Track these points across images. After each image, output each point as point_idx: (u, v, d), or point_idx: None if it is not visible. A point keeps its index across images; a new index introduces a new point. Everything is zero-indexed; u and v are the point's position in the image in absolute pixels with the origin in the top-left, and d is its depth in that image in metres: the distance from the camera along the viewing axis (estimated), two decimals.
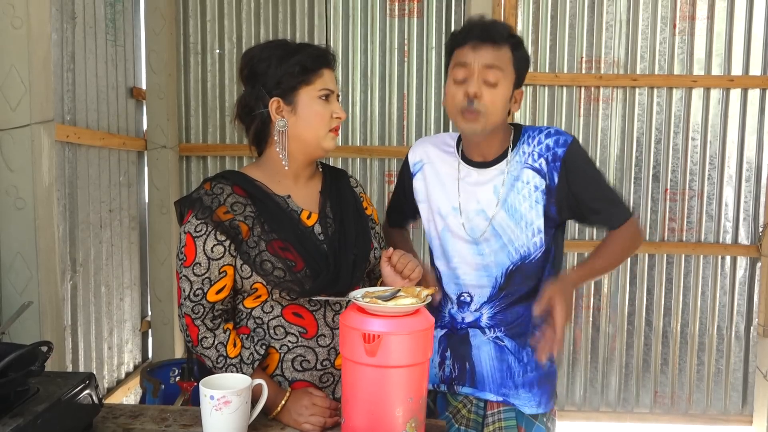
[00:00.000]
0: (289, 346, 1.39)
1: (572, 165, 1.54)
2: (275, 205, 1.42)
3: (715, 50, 3.24)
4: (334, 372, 1.42)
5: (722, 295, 3.35)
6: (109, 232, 2.87)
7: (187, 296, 1.37)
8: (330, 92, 1.44)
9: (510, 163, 1.57)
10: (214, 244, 1.36)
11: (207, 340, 1.37)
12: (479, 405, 1.61)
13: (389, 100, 3.36)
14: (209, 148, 3.38)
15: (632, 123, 3.30)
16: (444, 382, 1.64)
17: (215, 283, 1.37)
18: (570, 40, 3.27)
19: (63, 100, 2.45)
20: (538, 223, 1.55)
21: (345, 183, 1.57)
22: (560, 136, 1.57)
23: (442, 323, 1.65)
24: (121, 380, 3.02)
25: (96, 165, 2.72)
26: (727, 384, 3.39)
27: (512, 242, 1.56)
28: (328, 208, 1.49)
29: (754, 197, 3.30)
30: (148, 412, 1.38)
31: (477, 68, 1.48)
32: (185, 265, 1.37)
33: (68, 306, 2.49)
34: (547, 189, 1.54)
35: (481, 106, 1.48)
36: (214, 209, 1.37)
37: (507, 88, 1.51)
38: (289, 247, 1.37)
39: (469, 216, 1.59)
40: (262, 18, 3.34)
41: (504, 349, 1.59)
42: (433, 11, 3.31)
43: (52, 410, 1.11)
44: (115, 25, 2.90)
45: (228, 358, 1.36)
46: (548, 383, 1.62)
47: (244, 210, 1.39)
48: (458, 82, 1.51)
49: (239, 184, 1.42)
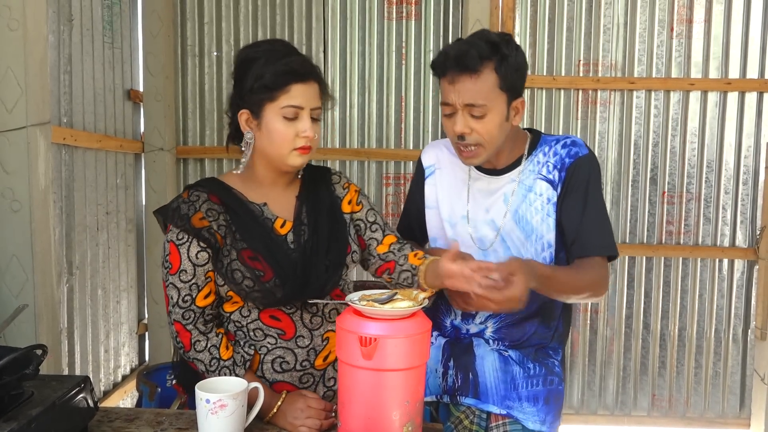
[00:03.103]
0: (268, 347, 1.40)
1: (573, 178, 1.48)
2: (248, 213, 1.41)
3: (712, 53, 3.25)
4: (314, 372, 1.42)
5: (720, 298, 3.35)
6: (105, 234, 2.86)
7: (176, 303, 1.38)
8: (297, 109, 1.37)
9: (523, 172, 1.52)
10: (198, 250, 1.37)
11: (200, 344, 1.38)
12: (482, 417, 1.56)
13: (387, 103, 3.36)
14: (206, 151, 3.38)
15: (630, 126, 3.30)
16: (447, 393, 1.59)
17: (202, 289, 1.38)
18: (567, 43, 3.27)
19: (60, 102, 2.44)
20: (549, 237, 1.49)
21: (323, 184, 1.53)
22: (573, 147, 1.51)
23: (445, 332, 1.62)
24: (118, 383, 3.01)
25: (93, 167, 2.72)
26: (724, 387, 3.39)
27: (520, 255, 1.51)
28: (303, 214, 1.46)
29: (751, 200, 3.30)
30: (144, 416, 1.37)
31: (459, 106, 1.43)
32: (171, 272, 1.38)
33: (65, 309, 2.48)
34: (557, 201, 1.49)
35: (473, 140, 1.45)
36: (191, 216, 1.38)
37: (498, 113, 1.44)
38: (259, 257, 1.37)
39: (477, 225, 1.55)
40: (259, 20, 3.33)
41: (509, 359, 1.55)
42: (431, 14, 3.31)
43: (46, 414, 1.10)
44: (112, 27, 2.90)
45: (221, 360, 1.36)
46: (554, 401, 1.56)
47: (218, 218, 1.40)
48: (446, 115, 1.47)
49: (214, 191, 1.43)
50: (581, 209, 1.48)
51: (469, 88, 1.41)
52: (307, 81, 1.39)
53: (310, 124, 1.39)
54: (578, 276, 1.45)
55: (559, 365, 1.59)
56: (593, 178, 1.51)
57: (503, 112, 1.45)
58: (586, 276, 1.45)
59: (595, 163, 1.53)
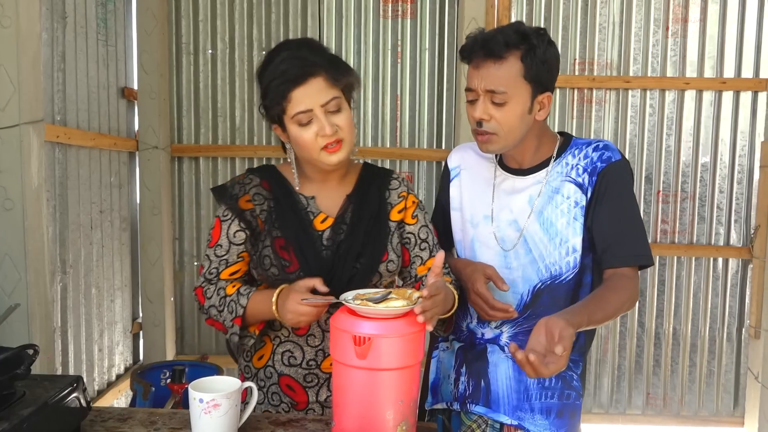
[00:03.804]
0: (281, 339, 1.44)
1: (604, 184, 1.43)
2: (291, 204, 1.44)
3: (707, 52, 3.25)
4: (319, 374, 1.42)
5: (714, 296, 3.36)
6: (99, 233, 2.85)
7: (203, 274, 1.46)
8: (307, 113, 1.35)
9: (550, 174, 1.48)
10: (237, 230, 1.43)
11: (210, 291, 1.44)
12: (495, 427, 1.51)
13: (382, 102, 3.35)
14: (201, 149, 3.36)
15: (625, 125, 3.30)
16: (457, 400, 1.55)
17: (231, 266, 1.45)
18: (563, 42, 3.27)
19: (53, 100, 2.43)
20: (575, 241, 1.44)
21: (378, 187, 1.49)
22: (606, 151, 1.46)
23: (460, 337, 1.58)
24: (112, 383, 3.00)
25: (86, 165, 2.71)
26: (718, 385, 3.40)
27: (543, 258, 1.46)
28: (348, 213, 1.45)
29: (746, 199, 3.31)
30: (137, 416, 1.36)
31: (481, 91, 1.41)
32: (209, 245, 1.45)
33: (58, 308, 2.47)
34: (586, 206, 1.44)
35: (490, 127, 1.42)
36: (239, 197, 1.44)
37: (520, 103, 1.40)
38: (289, 248, 1.39)
39: (500, 225, 1.51)
40: (255, 18, 3.32)
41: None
42: (426, 12, 3.31)
43: (38, 414, 1.09)
44: (106, 24, 2.89)
45: (227, 296, 1.40)
46: (569, 416, 1.49)
47: (263, 204, 1.44)
48: (469, 101, 1.45)
49: (267, 178, 1.47)
50: (613, 217, 1.43)
51: (492, 74, 1.39)
52: (305, 81, 1.35)
53: (325, 121, 1.35)
54: (609, 303, 1.36)
55: (578, 379, 1.53)
56: (626, 184, 1.46)
57: (526, 103, 1.41)
58: (617, 298, 1.37)
59: (628, 169, 1.48)
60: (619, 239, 1.42)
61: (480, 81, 1.40)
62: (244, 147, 3.35)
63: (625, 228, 1.43)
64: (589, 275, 1.48)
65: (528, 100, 1.41)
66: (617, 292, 1.38)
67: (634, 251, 1.43)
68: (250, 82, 3.35)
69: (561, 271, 1.46)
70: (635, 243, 1.44)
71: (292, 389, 1.44)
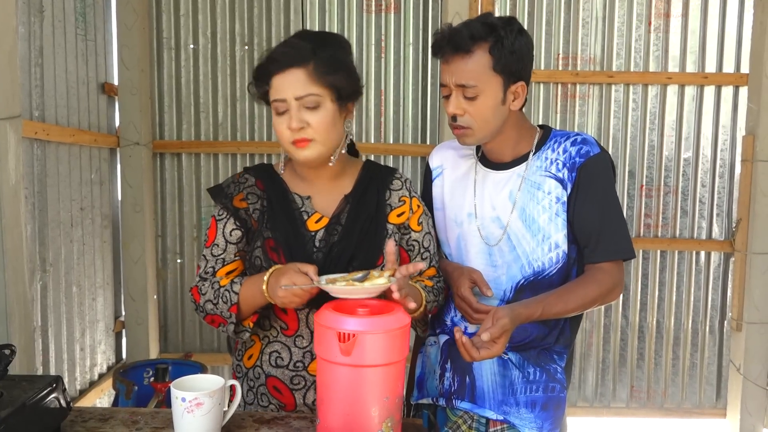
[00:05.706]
0: (270, 338, 1.42)
1: (584, 179, 1.43)
2: (283, 204, 1.41)
3: (689, 47, 3.28)
4: (306, 376, 1.40)
5: (697, 290, 3.39)
6: (80, 230, 2.81)
7: (200, 273, 1.45)
8: (282, 102, 1.32)
9: (529, 168, 1.47)
10: (233, 228, 1.42)
11: (205, 286, 1.42)
12: (480, 422, 1.52)
13: (366, 97, 3.33)
14: (183, 145, 3.33)
15: (608, 119, 3.32)
16: (443, 396, 1.55)
17: (228, 264, 1.43)
18: (547, 37, 3.28)
19: (31, 95, 2.39)
20: (557, 237, 1.44)
21: (377, 187, 1.45)
22: (584, 145, 1.45)
23: (444, 329, 1.58)
24: (94, 382, 2.97)
25: (66, 162, 2.66)
26: (701, 378, 3.44)
27: (526, 255, 1.46)
28: (344, 214, 1.41)
29: (727, 193, 3.34)
30: (119, 415, 1.34)
31: (453, 86, 1.42)
32: (206, 245, 1.45)
33: (38, 307, 2.44)
34: (567, 201, 1.44)
35: (464, 122, 1.43)
36: (234, 195, 1.43)
37: (491, 95, 1.41)
38: (279, 249, 1.36)
39: (484, 222, 1.51)
40: (237, 13, 3.29)
41: (507, 363, 1.50)
42: (410, 7, 3.29)
43: (16, 415, 1.07)
44: (85, 18, 2.84)
45: (221, 287, 1.38)
46: (554, 408, 1.50)
47: (256, 203, 1.42)
48: (444, 97, 1.46)
49: (261, 178, 1.45)
50: (592, 212, 1.44)
51: (461, 68, 1.40)
52: (286, 69, 1.31)
53: (295, 114, 1.31)
54: (574, 296, 1.41)
55: (563, 372, 1.53)
56: (606, 178, 1.46)
57: (498, 95, 1.42)
58: (585, 292, 1.41)
59: (607, 162, 1.47)
60: (598, 234, 1.44)
61: (450, 76, 1.42)
62: (227, 143, 3.32)
63: (605, 223, 1.44)
64: (575, 271, 1.48)
65: (500, 92, 1.42)
66: (586, 286, 1.42)
67: (613, 245, 1.45)
68: (233, 78, 3.32)
69: (544, 267, 1.46)
70: (614, 237, 1.45)
71: (279, 391, 1.42)
